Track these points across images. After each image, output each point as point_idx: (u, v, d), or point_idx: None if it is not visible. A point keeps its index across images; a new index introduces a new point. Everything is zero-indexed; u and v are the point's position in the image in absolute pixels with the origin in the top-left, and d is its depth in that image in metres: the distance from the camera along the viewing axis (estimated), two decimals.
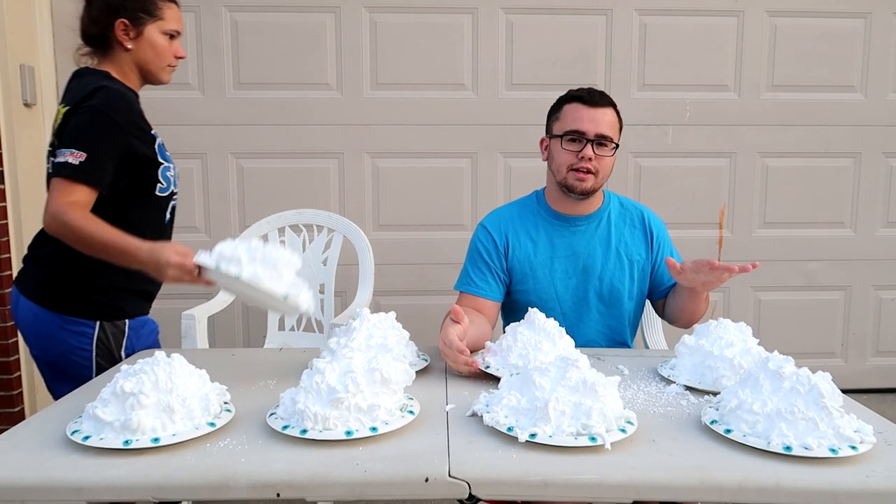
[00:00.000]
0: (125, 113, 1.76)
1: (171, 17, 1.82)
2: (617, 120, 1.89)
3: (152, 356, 1.25)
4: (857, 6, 3.36)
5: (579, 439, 1.16)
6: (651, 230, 1.96)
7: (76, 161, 1.62)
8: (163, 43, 1.82)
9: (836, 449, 1.13)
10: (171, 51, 1.84)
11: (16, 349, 2.88)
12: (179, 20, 1.85)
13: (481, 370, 1.53)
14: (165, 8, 1.81)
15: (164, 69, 1.87)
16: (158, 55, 1.83)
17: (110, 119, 1.70)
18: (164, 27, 1.81)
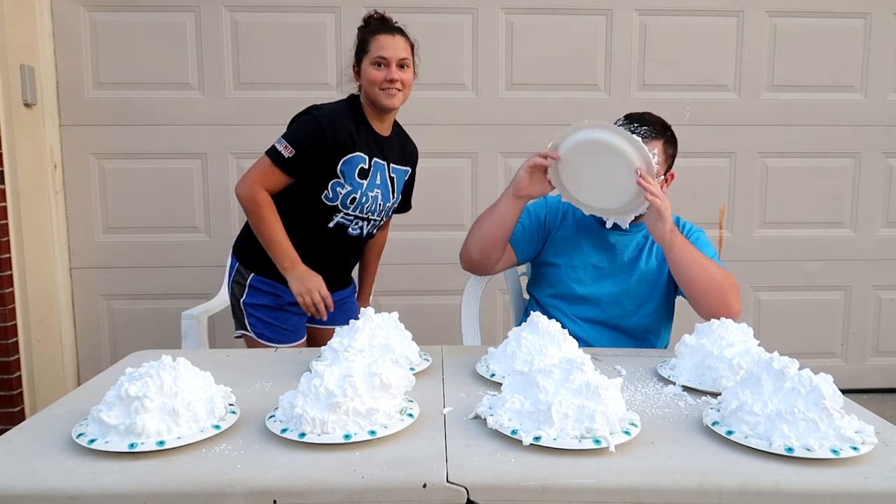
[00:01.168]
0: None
1: (375, 47, 2.06)
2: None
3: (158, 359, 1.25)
4: (857, 6, 3.35)
5: (583, 442, 1.16)
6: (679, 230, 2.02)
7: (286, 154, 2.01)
8: (371, 72, 2.06)
9: (838, 450, 1.13)
10: (379, 76, 2.05)
11: (16, 349, 2.88)
12: (387, 47, 2.06)
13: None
14: (372, 41, 2.08)
15: (379, 94, 2.06)
16: (370, 83, 2.07)
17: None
18: (371, 57, 2.06)
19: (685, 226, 2.05)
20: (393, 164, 2.17)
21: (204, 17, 3.19)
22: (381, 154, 2.13)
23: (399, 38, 2.08)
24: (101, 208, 3.27)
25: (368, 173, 2.09)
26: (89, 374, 3.09)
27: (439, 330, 2.42)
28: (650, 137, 1.90)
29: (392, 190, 2.18)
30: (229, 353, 1.83)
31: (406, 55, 2.08)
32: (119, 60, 3.18)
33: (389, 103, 2.07)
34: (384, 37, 2.07)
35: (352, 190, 2.07)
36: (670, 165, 1.97)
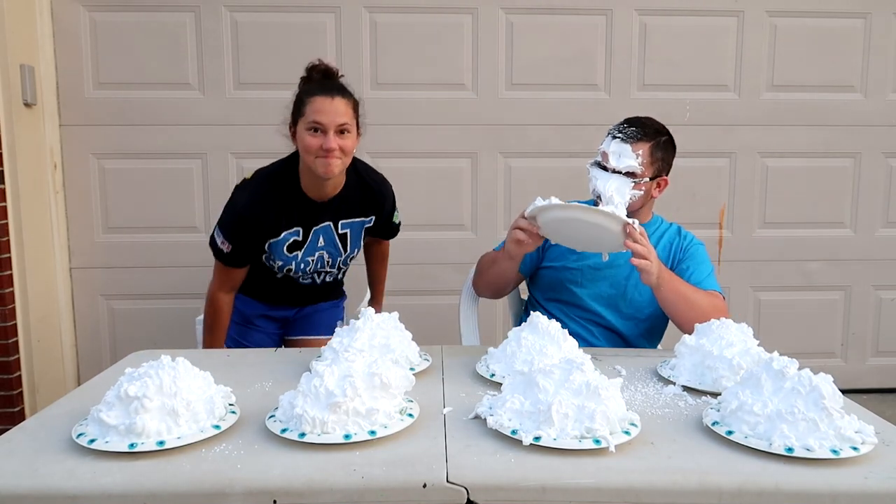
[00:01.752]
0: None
1: (311, 111, 1.88)
2: None
3: (157, 359, 1.25)
4: (857, 6, 3.35)
5: (583, 442, 1.16)
6: (676, 244, 2.06)
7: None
8: (305, 139, 1.89)
9: (838, 450, 1.13)
10: (314, 144, 1.88)
11: (16, 349, 2.88)
12: (323, 111, 1.88)
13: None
14: (309, 103, 1.89)
15: (316, 162, 1.90)
16: (305, 151, 1.91)
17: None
18: (306, 122, 1.89)
19: (686, 237, 2.08)
20: (343, 221, 2.07)
21: (204, 17, 3.19)
22: (321, 219, 2.03)
23: (339, 101, 1.89)
24: (101, 208, 3.26)
25: (304, 244, 2.02)
26: (89, 374, 3.09)
27: (439, 330, 2.42)
28: (635, 139, 1.91)
29: (345, 244, 2.10)
30: (229, 353, 1.83)
31: (346, 119, 1.89)
32: (119, 60, 3.18)
33: (326, 172, 1.89)
34: (321, 99, 1.87)
35: (283, 264, 2.03)
36: (660, 170, 1.96)
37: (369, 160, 3.34)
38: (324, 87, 1.91)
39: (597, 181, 1.93)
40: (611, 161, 1.91)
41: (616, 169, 1.91)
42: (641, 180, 1.92)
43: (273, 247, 2.00)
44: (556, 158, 3.33)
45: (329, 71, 1.98)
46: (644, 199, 1.97)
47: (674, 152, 2.01)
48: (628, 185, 1.90)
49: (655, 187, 1.98)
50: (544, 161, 3.35)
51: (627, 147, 1.90)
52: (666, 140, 1.97)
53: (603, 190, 1.91)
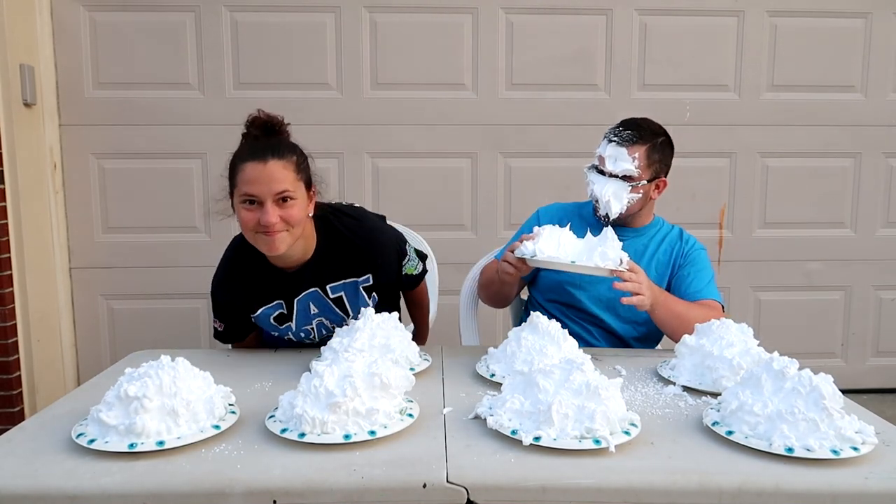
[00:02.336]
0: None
1: (242, 181, 1.59)
2: None
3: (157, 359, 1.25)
4: (857, 6, 3.35)
5: (583, 442, 1.16)
6: (678, 249, 2.05)
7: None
8: (241, 212, 1.62)
9: (838, 450, 1.13)
10: (250, 218, 1.60)
11: (16, 349, 2.88)
12: (255, 180, 1.57)
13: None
14: (240, 171, 1.61)
15: (257, 238, 1.63)
16: (242, 227, 1.65)
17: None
18: (239, 193, 1.61)
19: (688, 241, 2.08)
20: (331, 284, 1.77)
21: (204, 17, 3.19)
22: (302, 286, 1.76)
23: (273, 165, 1.56)
24: (100, 208, 3.26)
25: (292, 315, 1.78)
26: (89, 374, 3.08)
27: (439, 330, 2.42)
28: (631, 142, 1.91)
29: (344, 309, 1.81)
30: (229, 353, 1.83)
31: (285, 186, 1.57)
32: (119, 60, 3.18)
33: (270, 250, 1.61)
34: (252, 165, 1.57)
35: (279, 335, 1.84)
36: (658, 172, 1.97)
37: (369, 160, 3.37)
38: (255, 151, 1.60)
39: (594, 185, 1.94)
40: (607, 165, 1.92)
41: (613, 173, 1.91)
42: (639, 183, 1.92)
43: (260, 321, 1.80)
44: (556, 158, 3.33)
45: (270, 123, 1.68)
46: (643, 201, 1.97)
47: (672, 153, 2.01)
48: (625, 189, 1.91)
49: (654, 189, 1.99)
50: (544, 161, 3.34)
51: (623, 151, 1.90)
52: (663, 141, 1.97)
53: (600, 195, 1.92)
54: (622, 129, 1.94)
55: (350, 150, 3.30)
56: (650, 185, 1.96)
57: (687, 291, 1.99)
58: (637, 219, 2.05)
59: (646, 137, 1.93)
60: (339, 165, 3.30)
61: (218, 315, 1.83)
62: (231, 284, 1.77)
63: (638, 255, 2.04)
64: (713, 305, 1.94)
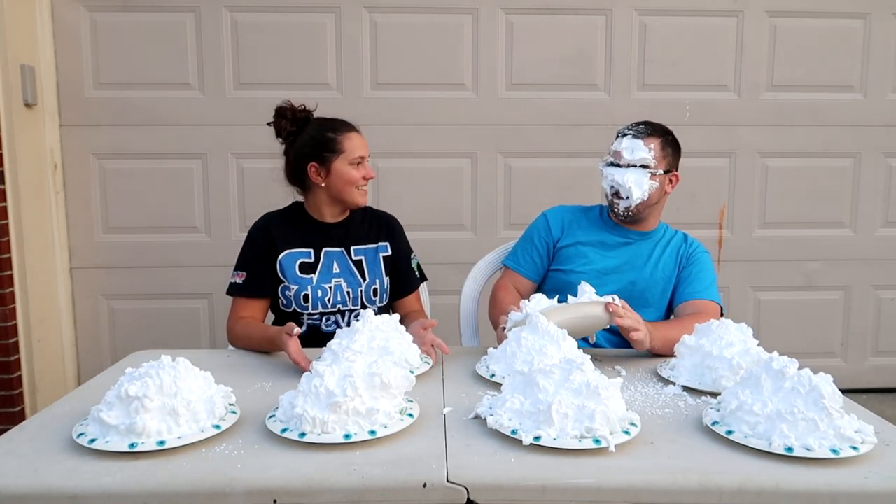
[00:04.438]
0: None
1: (351, 147, 2.00)
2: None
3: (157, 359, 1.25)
4: (857, 6, 3.35)
5: (583, 442, 1.16)
6: (682, 251, 2.08)
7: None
8: (351, 172, 1.99)
9: (838, 450, 1.13)
10: (358, 176, 2.00)
11: (16, 349, 2.88)
12: (361, 146, 2.01)
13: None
14: (345, 140, 2.00)
15: (356, 192, 2.01)
16: (348, 183, 2.00)
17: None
18: (350, 158, 1.99)
19: (692, 244, 2.10)
20: (355, 247, 2.06)
21: (204, 17, 3.19)
22: (332, 241, 2.04)
23: (363, 136, 2.07)
24: (101, 208, 3.27)
25: (317, 266, 2.01)
26: (89, 374, 3.09)
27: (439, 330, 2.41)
28: (646, 134, 1.98)
29: (362, 273, 2.05)
30: (229, 353, 1.83)
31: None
32: (119, 60, 3.18)
33: (364, 201, 2.05)
34: (356, 136, 2.04)
35: (299, 288, 1.97)
36: (671, 165, 2.01)
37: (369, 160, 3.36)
38: (348, 125, 2.06)
39: (613, 176, 1.98)
40: (624, 156, 1.97)
41: (631, 163, 1.96)
42: (656, 172, 1.97)
43: (284, 267, 1.98)
44: (556, 158, 3.33)
45: (348, 121, 2.09)
46: (660, 193, 2.01)
47: (680, 153, 2.06)
48: (645, 176, 1.96)
49: (668, 183, 2.03)
50: (544, 161, 3.35)
51: (639, 142, 1.97)
52: (672, 139, 2.04)
53: (622, 182, 1.96)
54: (635, 125, 2.01)
55: None
56: (665, 176, 2.00)
57: (687, 292, 2.01)
58: (649, 217, 2.07)
59: (658, 132, 2.01)
60: None
61: (244, 262, 2.01)
62: (270, 225, 2.04)
63: (644, 258, 2.06)
64: (709, 307, 1.94)
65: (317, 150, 2.01)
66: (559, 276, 2.09)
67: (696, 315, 1.90)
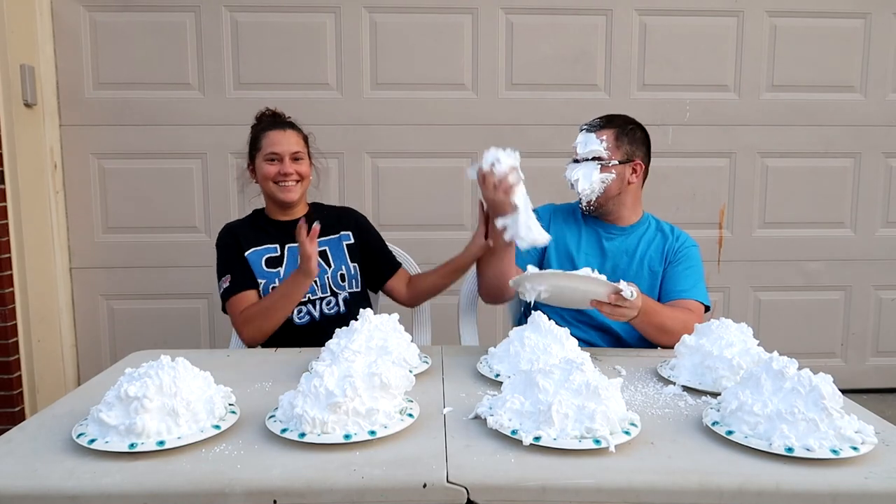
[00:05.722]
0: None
1: (267, 143, 2.08)
2: None
3: (157, 359, 1.25)
4: (857, 6, 3.35)
5: (583, 442, 1.16)
6: (668, 245, 2.06)
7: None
8: (264, 168, 2.08)
9: (838, 450, 1.13)
10: (272, 171, 2.07)
11: (16, 349, 2.88)
12: (278, 142, 2.07)
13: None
14: (264, 138, 2.09)
15: (274, 188, 2.08)
16: (264, 179, 2.09)
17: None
18: (264, 154, 2.08)
19: (679, 237, 2.08)
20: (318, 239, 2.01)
21: (204, 17, 3.19)
22: (292, 237, 2.02)
23: (290, 133, 2.11)
24: (101, 208, 3.26)
25: (282, 260, 2.08)
26: (89, 374, 3.09)
27: (439, 330, 2.42)
28: (599, 127, 2.00)
29: (326, 262, 2.11)
30: (229, 353, 1.83)
31: (299, 148, 2.10)
32: (119, 60, 3.18)
33: (286, 197, 2.07)
34: (275, 133, 2.09)
35: (267, 282, 2.04)
36: (631, 154, 2.00)
37: (369, 160, 3.37)
38: (276, 123, 2.13)
39: (567, 172, 2.04)
40: (578, 151, 2.01)
41: (583, 157, 2.00)
42: (609, 163, 1.97)
43: (252, 263, 2.05)
44: (556, 158, 3.30)
45: (276, 113, 2.19)
46: (619, 183, 2.00)
47: (646, 141, 2.05)
48: (594, 169, 1.98)
49: (631, 173, 2.01)
50: (544, 161, 3.33)
51: (591, 135, 2.00)
52: (633, 128, 2.02)
53: (570, 176, 2.01)
54: (593, 119, 2.04)
55: (350, 150, 3.30)
56: (624, 167, 1.98)
57: (673, 290, 1.99)
58: (622, 212, 2.06)
59: (615, 122, 2.02)
60: (339, 165, 3.30)
61: (223, 270, 2.06)
62: (233, 229, 2.12)
63: (629, 255, 2.05)
64: (693, 308, 1.94)
65: (249, 151, 2.14)
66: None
67: (683, 309, 1.91)
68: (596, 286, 1.65)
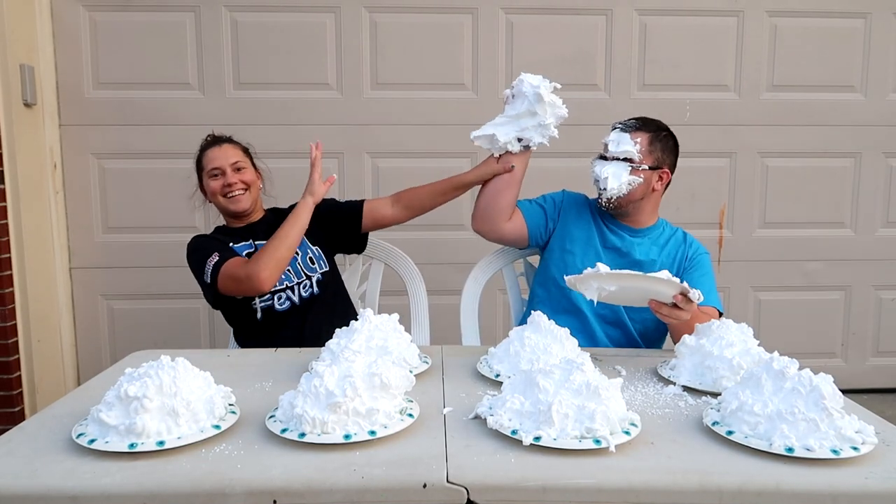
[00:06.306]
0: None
1: (206, 161, 2.19)
2: None
3: (157, 359, 1.25)
4: (857, 6, 3.35)
5: (583, 442, 1.16)
6: (682, 252, 2.06)
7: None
8: (209, 184, 2.17)
9: (838, 450, 1.13)
10: (216, 186, 2.16)
11: (16, 349, 2.88)
12: (215, 157, 2.17)
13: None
14: (203, 158, 2.21)
15: (223, 201, 2.17)
16: (213, 195, 2.18)
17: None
18: (207, 171, 2.18)
19: (692, 244, 2.08)
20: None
21: (204, 17, 3.19)
22: (259, 236, 2.16)
23: (227, 147, 2.20)
24: (100, 208, 3.26)
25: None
26: (89, 374, 3.09)
27: (439, 330, 2.41)
28: (634, 129, 1.98)
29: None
30: (229, 353, 1.83)
31: (237, 158, 2.17)
32: (119, 60, 3.18)
33: (236, 207, 2.15)
34: (213, 149, 2.19)
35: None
36: (660, 162, 1.99)
37: (369, 160, 3.37)
38: (213, 142, 2.24)
39: (595, 168, 2.02)
40: (609, 149, 1.98)
41: (615, 155, 1.97)
42: (639, 167, 1.95)
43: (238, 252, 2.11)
44: (556, 158, 3.32)
45: (214, 135, 2.29)
46: (644, 188, 1.99)
47: (676, 151, 2.04)
48: (625, 170, 1.95)
49: (657, 180, 2.00)
50: (544, 161, 3.33)
51: (626, 135, 1.97)
52: (666, 135, 2.02)
53: (600, 173, 1.98)
54: (629, 119, 2.02)
55: (350, 150, 3.30)
56: (652, 173, 1.98)
57: None
58: (640, 215, 2.05)
59: (649, 127, 2.00)
60: (339, 165, 3.30)
61: (208, 253, 2.09)
62: (206, 235, 2.21)
63: (642, 258, 2.04)
64: (712, 314, 1.93)
65: (197, 174, 2.26)
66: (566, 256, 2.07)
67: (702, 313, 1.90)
68: (668, 287, 1.61)
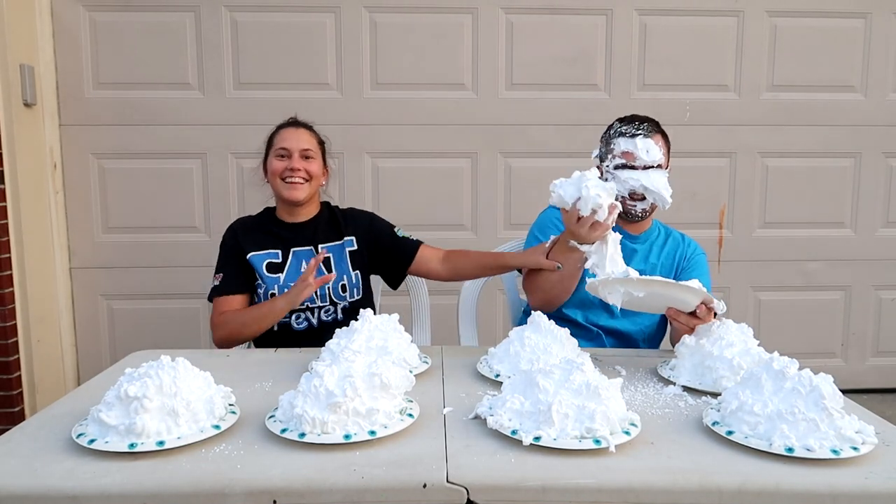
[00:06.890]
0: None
1: (278, 140, 2.08)
2: None
3: (157, 359, 1.25)
4: (857, 6, 3.35)
5: (583, 442, 1.16)
6: (680, 252, 2.05)
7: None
8: (274, 164, 2.06)
9: (838, 450, 1.13)
10: (280, 166, 2.05)
11: (16, 349, 2.88)
12: (288, 138, 2.07)
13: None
14: (276, 136, 2.10)
15: (280, 184, 2.06)
16: (273, 175, 2.07)
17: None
18: (275, 150, 2.07)
19: (690, 244, 2.07)
20: (323, 244, 2.09)
21: (204, 17, 3.19)
22: (300, 241, 2.08)
23: (303, 131, 2.10)
24: (101, 208, 3.26)
25: (284, 266, 2.04)
26: (89, 374, 3.09)
27: (439, 330, 2.42)
28: (653, 132, 1.92)
29: (329, 268, 2.08)
30: (229, 353, 1.83)
31: (309, 146, 2.07)
32: (119, 60, 3.18)
33: (290, 195, 2.04)
34: (288, 130, 2.09)
35: (267, 287, 2.03)
36: (668, 163, 1.98)
37: (369, 160, 3.37)
38: (291, 123, 2.14)
39: (639, 179, 1.88)
40: (641, 157, 1.88)
41: (648, 164, 1.88)
42: (666, 171, 1.94)
43: (255, 265, 2.04)
44: (557, 158, 3.33)
45: (294, 118, 2.17)
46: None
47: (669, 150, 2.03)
48: (666, 176, 1.91)
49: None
50: (544, 161, 3.34)
51: (651, 141, 1.90)
52: (666, 136, 2.00)
53: (650, 186, 1.87)
54: (640, 123, 1.92)
55: (350, 150, 3.30)
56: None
57: None
58: (645, 220, 2.02)
59: (658, 127, 1.96)
60: (340, 165, 3.30)
61: (219, 267, 2.07)
62: (238, 228, 2.12)
63: (643, 262, 2.04)
64: None
65: (265, 151, 2.13)
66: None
67: None
68: (694, 297, 1.58)
